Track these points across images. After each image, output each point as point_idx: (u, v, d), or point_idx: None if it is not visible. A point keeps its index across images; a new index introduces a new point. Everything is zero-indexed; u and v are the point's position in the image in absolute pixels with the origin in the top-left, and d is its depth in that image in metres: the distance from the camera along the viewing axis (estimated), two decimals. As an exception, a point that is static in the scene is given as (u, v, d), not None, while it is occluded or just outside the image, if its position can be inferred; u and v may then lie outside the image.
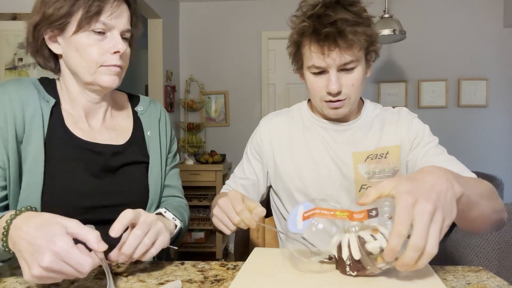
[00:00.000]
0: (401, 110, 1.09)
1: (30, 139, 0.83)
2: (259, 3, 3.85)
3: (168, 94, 3.54)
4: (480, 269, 0.74)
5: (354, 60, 0.93)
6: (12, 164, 0.81)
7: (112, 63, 0.86)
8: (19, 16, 2.40)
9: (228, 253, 3.83)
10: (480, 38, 3.65)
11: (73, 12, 0.82)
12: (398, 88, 3.74)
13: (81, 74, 0.86)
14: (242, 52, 3.89)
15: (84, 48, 0.84)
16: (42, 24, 0.85)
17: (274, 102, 3.90)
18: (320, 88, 0.97)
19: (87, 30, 0.83)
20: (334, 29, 0.89)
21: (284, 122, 1.11)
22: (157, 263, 0.78)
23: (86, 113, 0.92)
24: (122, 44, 0.85)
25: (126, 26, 0.88)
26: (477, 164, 3.60)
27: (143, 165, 0.97)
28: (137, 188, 0.95)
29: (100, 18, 0.83)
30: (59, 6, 0.82)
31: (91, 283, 0.67)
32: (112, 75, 0.87)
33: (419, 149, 1.01)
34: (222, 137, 3.94)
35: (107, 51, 0.85)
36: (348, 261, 0.64)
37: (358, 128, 1.06)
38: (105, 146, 0.92)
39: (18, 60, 2.41)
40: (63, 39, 0.86)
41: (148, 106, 1.05)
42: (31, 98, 0.85)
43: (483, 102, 3.67)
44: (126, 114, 1.02)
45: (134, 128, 1.00)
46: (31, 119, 0.83)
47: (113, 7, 0.84)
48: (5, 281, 0.68)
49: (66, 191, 0.84)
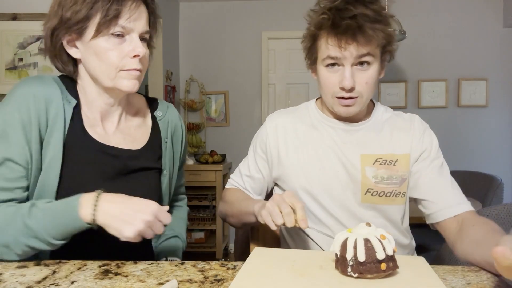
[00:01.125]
0: (414, 118, 1.07)
1: (50, 140, 0.82)
2: (259, 3, 3.85)
3: (168, 94, 3.54)
4: (480, 269, 0.74)
5: (371, 54, 0.92)
6: (34, 164, 0.80)
7: (132, 67, 0.84)
8: (19, 16, 2.40)
9: (228, 253, 3.83)
10: (480, 38, 3.65)
11: (91, 15, 0.80)
12: (398, 88, 3.74)
13: (101, 78, 0.85)
14: (242, 52, 3.89)
15: (103, 53, 0.82)
16: (60, 28, 0.83)
17: (274, 102, 3.90)
18: (334, 83, 0.95)
19: (106, 34, 0.81)
20: (354, 23, 0.88)
21: (291, 120, 1.10)
22: (157, 263, 0.78)
23: (102, 116, 0.91)
24: (141, 47, 0.84)
25: (144, 28, 0.86)
26: (477, 164, 3.60)
27: (156, 171, 0.97)
28: (150, 193, 0.93)
29: (119, 21, 0.81)
30: (77, 10, 0.80)
31: (91, 283, 0.67)
32: (132, 79, 0.86)
33: (425, 164, 1.01)
34: (222, 137, 3.94)
35: (127, 54, 0.83)
36: (351, 261, 0.64)
37: (368, 130, 1.04)
38: (122, 150, 0.91)
39: (18, 60, 2.41)
40: (81, 44, 0.84)
41: (167, 111, 1.04)
42: (55, 97, 0.84)
43: (483, 102, 3.67)
44: (143, 118, 1.00)
45: (152, 134, 0.99)
46: (53, 119, 0.83)
47: (131, 10, 0.82)
48: (5, 281, 0.68)
49: (80, 193, 0.83)
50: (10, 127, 0.79)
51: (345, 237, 0.66)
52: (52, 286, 0.66)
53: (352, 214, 1.01)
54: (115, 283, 0.67)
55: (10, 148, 0.78)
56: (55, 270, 0.73)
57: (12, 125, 0.79)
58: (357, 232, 0.66)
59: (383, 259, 0.62)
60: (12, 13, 2.39)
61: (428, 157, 1.02)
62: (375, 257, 0.62)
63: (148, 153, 0.96)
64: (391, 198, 1.00)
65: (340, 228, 1.01)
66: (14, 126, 0.78)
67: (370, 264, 0.63)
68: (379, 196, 1.00)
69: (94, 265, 0.76)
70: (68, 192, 0.82)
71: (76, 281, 0.68)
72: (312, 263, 0.71)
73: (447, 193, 0.98)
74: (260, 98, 3.89)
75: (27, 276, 0.71)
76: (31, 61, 2.41)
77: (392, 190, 1.00)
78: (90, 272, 0.72)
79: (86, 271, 0.73)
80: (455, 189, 1.00)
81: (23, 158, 0.79)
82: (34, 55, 2.40)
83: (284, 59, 3.83)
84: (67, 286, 0.66)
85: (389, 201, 1.00)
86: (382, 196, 1.00)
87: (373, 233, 0.65)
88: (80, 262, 0.78)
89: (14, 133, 0.78)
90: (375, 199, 1.00)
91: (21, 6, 2.39)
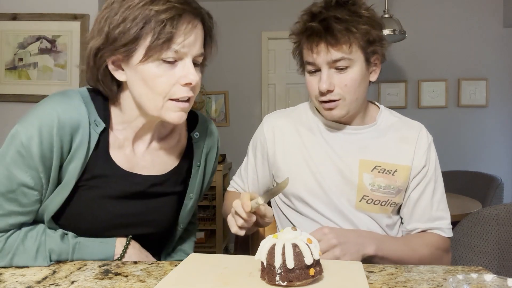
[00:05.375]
0: (421, 130, 1.04)
1: (68, 166, 0.77)
2: (259, 3, 3.85)
3: (168, 94, 3.54)
4: (480, 269, 0.74)
5: (345, 58, 0.90)
6: (49, 188, 0.77)
7: (182, 95, 0.75)
8: (19, 16, 2.40)
9: (228, 253, 3.83)
10: (480, 38, 3.65)
11: (141, 37, 0.71)
12: (398, 88, 3.74)
13: (146, 106, 0.77)
14: (242, 52, 3.89)
15: (152, 79, 0.73)
16: (105, 48, 0.73)
17: (274, 102, 3.90)
18: (314, 87, 0.96)
19: (156, 60, 0.72)
20: (321, 25, 0.89)
21: (289, 123, 1.08)
22: (157, 263, 0.78)
23: (134, 137, 0.84)
24: (194, 74, 0.74)
25: (199, 51, 0.77)
26: (477, 164, 3.60)
27: (179, 194, 0.91)
28: (165, 219, 0.90)
29: (172, 46, 0.72)
30: (125, 29, 0.71)
31: (91, 283, 0.67)
32: (181, 111, 0.77)
33: (420, 181, 1.00)
34: (222, 137, 3.88)
35: (177, 81, 0.74)
36: (279, 269, 0.60)
37: (370, 135, 1.02)
38: (145, 177, 0.84)
39: (18, 60, 2.41)
40: (128, 67, 0.75)
41: (206, 132, 0.95)
42: (82, 123, 0.76)
43: (483, 102, 3.66)
44: (178, 136, 0.92)
45: (184, 156, 0.91)
46: (77, 146, 0.76)
47: (186, 32, 0.72)
48: (5, 281, 0.68)
49: (85, 217, 0.81)
50: (27, 152, 0.72)
51: (272, 243, 0.62)
52: (52, 286, 0.66)
53: (347, 218, 1.00)
54: (115, 283, 0.67)
55: (25, 174, 0.73)
56: (55, 270, 0.73)
57: (30, 152, 0.72)
58: (283, 237, 0.62)
59: (311, 264, 0.60)
60: (12, 13, 2.39)
61: (427, 174, 1.01)
62: (303, 263, 0.60)
63: (174, 177, 0.89)
64: (384, 207, 0.99)
65: None
66: (32, 153, 0.72)
67: (299, 270, 0.60)
68: (374, 204, 0.98)
69: (94, 265, 0.76)
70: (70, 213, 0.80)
71: (76, 281, 0.68)
72: (243, 270, 0.68)
73: (434, 211, 1.01)
74: (260, 98, 3.89)
75: (27, 276, 0.71)
76: (31, 61, 2.41)
77: (387, 199, 0.98)
78: (90, 272, 0.72)
79: (86, 271, 0.73)
80: (443, 209, 1.02)
81: (38, 183, 0.75)
82: (34, 55, 2.40)
83: (284, 59, 3.83)
84: (67, 286, 0.66)
85: (382, 210, 0.99)
86: (377, 204, 0.98)
87: (300, 237, 0.62)
88: (80, 262, 0.78)
89: (31, 160, 0.72)
90: (369, 207, 0.99)
91: (21, 6, 2.39)
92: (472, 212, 1.70)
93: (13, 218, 0.76)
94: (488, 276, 0.60)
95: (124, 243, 0.84)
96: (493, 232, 1.57)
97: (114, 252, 0.82)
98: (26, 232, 0.77)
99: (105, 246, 0.82)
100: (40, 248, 0.76)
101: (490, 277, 0.60)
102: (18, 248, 0.75)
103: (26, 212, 0.77)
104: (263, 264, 0.62)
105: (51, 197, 0.78)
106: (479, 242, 1.59)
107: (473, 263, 1.60)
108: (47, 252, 0.77)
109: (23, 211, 0.76)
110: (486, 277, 0.60)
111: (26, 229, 0.78)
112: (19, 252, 0.75)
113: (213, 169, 1.00)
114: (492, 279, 0.60)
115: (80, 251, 0.79)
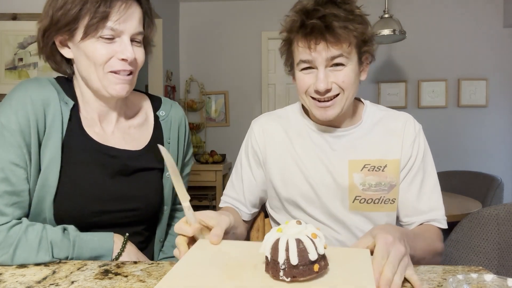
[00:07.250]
0: (408, 120, 1.02)
1: (48, 142, 0.82)
2: (259, 3, 3.85)
3: (168, 94, 3.54)
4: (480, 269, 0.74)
5: (343, 55, 0.89)
6: (33, 167, 0.80)
7: (120, 68, 0.83)
8: (19, 16, 2.40)
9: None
10: (480, 38, 3.65)
11: (80, 17, 0.79)
12: (398, 88, 3.74)
13: (89, 79, 0.84)
14: (242, 52, 3.89)
15: (92, 53, 0.81)
16: (51, 29, 0.83)
17: (274, 102, 3.90)
18: (307, 83, 0.94)
19: (94, 37, 0.80)
20: (321, 22, 0.87)
21: (278, 127, 1.07)
22: (157, 263, 0.78)
23: (99, 116, 0.90)
24: (130, 51, 0.82)
25: (137, 29, 0.83)
26: (477, 164, 3.60)
27: (158, 171, 0.96)
28: (151, 194, 0.94)
29: (107, 23, 0.79)
30: (66, 11, 0.80)
31: (91, 283, 0.67)
32: (122, 83, 0.84)
33: (408, 172, 0.99)
34: (222, 137, 3.94)
35: (115, 56, 0.82)
36: (283, 265, 0.59)
37: (357, 135, 1.00)
38: (121, 150, 0.90)
39: (18, 60, 2.41)
40: (72, 44, 0.84)
41: (170, 110, 1.01)
42: (52, 100, 0.83)
43: (483, 102, 3.67)
44: (145, 118, 0.99)
45: (154, 134, 0.97)
46: (51, 122, 0.82)
47: (121, 11, 0.80)
48: (5, 281, 0.68)
49: (79, 195, 0.84)
50: (8, 131, 0.78)
51: (276, 238, 0.61)
52: (52, 286, 0.66)
53: (340, 222, 0.99)
54: (115, 283, 0.67)
55: (10, 152, 0.78)
56: (55, 270, 0.73)
57: (10, 129, 0.78)
58: (287, 231, 0.61)
59: (316, 259, 0.59)
60: (12, 13, 2.39)
61: (414, 165, 0.99)
62: (307, 259, 0.58)
63: (150, 154, 0.94)
64: (379, 205, 0.98)
65: (330, 233, 0.99)
66: (12, 130, 0.78)
67: (303, 266, 0.59)
68: (367, 203, 0.98)
69: (94, 265, 0.76)
70: (68, 194, 0.83)
71: (76, 281, 0.68)
72: (248, 262, 0.66)
73: (425, 201, 0.99)
74: (260, 98, 3.89)
75: (27, 276, 0.71)
76: (31, 61, 2.41)
77: (380, 196, 0.97)
78: (90, 272, 0.72)
79: (86, 271, 0.73)
80: (434, 199, 1.00)
81: (22, 161, 0.79)
82: (34, 55, 2.40)
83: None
84: (67, 286, 0.66)
85: (377, 208, 0.98)
86: (370, 203, 0.98)
87: (304, 231, 0.61)
88: (80, 262, 0.78)
89: (12, 137, 0.78)
90: (363, 207, 0.98)
91: (21, 6, 2.39)
92: (472, 212, 1.70)
93: (6, 198, 0.78)
94: (488, 276, 0.60)
95: (123, 240, 0.86)
96: (493, 232, 1.57)
97: (113, 246, 0.84)
98: (27, 226, 0.79)
99: (104, 240, 0.84)
100: (42, 240, 0.78)
101: (490, 277, 0.60)
102: (21, 239, 0.77)
103: (18, 192, 0.79)
104: (267, 258, 0.62)
105: (43, 180, 0.81)
106: (479, 242, 1.59)
107: (473, 263, 1.60)
108: (49, 244, 0.78)
109: (14, 190, 0.79)
110: (486, 277, 0.60)
111: (28, 223, 0.80)
112: (22, 244, 0.76)
113: (186, 147, 1.05)
114: (492, 279, 0.60)
115: (81, 245, 0.81)
